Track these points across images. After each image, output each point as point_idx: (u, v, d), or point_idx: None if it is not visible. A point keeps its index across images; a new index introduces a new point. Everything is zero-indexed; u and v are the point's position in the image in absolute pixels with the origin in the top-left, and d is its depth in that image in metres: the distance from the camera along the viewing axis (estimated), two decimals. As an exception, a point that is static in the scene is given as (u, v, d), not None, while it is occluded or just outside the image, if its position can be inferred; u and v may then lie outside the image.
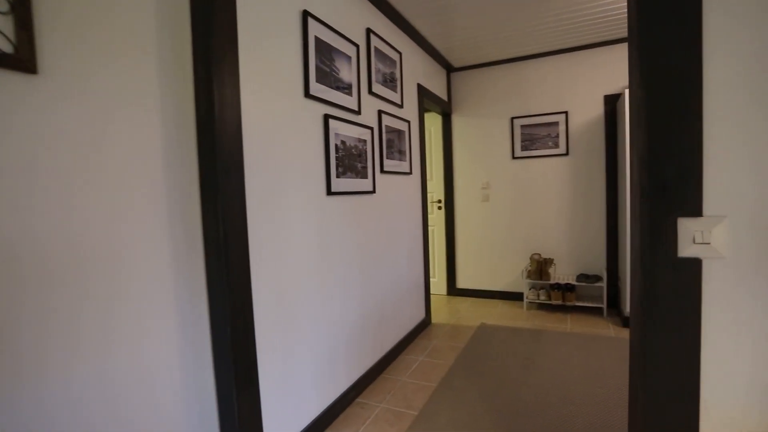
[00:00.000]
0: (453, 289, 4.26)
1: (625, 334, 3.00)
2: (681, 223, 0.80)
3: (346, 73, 2.18)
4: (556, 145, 3.74)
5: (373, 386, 2.35)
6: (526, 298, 3.69)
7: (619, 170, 3.41)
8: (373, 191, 2.45)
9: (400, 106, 2.87)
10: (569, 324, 3.25)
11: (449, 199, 4.20)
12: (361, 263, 2.33)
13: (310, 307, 1.88)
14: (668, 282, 0.82)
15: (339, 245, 2.12)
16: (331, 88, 2.05)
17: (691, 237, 0.79)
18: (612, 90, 3.54)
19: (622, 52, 3.47)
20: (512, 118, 3.88)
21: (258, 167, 1.57)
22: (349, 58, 2.21)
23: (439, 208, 4.27)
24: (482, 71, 3.98)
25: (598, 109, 3.59)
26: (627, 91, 2.96)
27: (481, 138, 4.03)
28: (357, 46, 2.28)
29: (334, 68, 2.07)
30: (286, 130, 1.74)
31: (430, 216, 4.28)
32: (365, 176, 2.36)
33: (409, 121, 3.00)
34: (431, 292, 3.72)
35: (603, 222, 3.63)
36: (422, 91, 3.29)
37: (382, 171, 2.58)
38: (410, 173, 3.05)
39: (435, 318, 3.54)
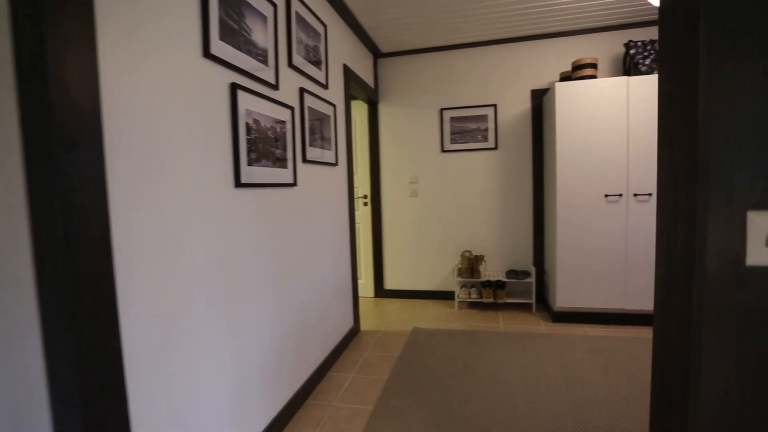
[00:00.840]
0: (381, 291, 4.00)
1: (554, 329, 2.98)
2: (751, 219, 0.57)
3: (261, 36, 1.76)
4: (486, 139, 3.65)
5: (298, 417, 1.97)
6: (458, 297, 3.56)
7: (545, 165, 3.42)
8: (294, 183, 2.05)
9: (325, 86, 2.50)
10: (502, 322, 3.17)
11: (376, 194, 3.92)
12: (279, 268, 1.93)
13: (212, 332, 1.44)
14: (728, 301, 0.59)
15: (251, 248, 1.69)
16: (241, 51, 1.61)
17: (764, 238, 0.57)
18: (539, 85, 3.54)
19: (549, 46, 3.48)
20: (441, 110, 3.71)
21: (130, 146, 1.10)
22: (264, 17, 1.78)
23: (365, 204, 3.97)
24: (411, 59, 3.75)
25: (525, 104, 3.57)
26: (557, 85, 2.92)
27: (409, 129, 3.81)
28: (275, 5, 1.86)
29: (245, 26, 1.64)
30: (178, 99, 1.28)
31: (356, 212, 3.96)
32: (284, 165, 1.96)
33: (334, 105, 2.64)
34: (358, 296, 3.41)
35: (530, 217, 3.63)
36: (349, 74, 2.95)
37: (304, 160, 2.19)
38: (336, 164, 2.69)
39: (364, 324, 3.24)
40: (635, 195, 2.89)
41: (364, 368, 2.46)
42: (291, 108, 2.02)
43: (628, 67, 3.04)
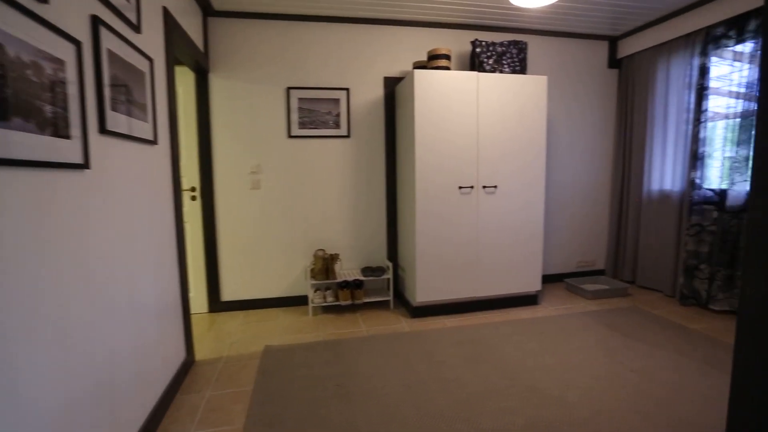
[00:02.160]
0: (217, 304, 3.28)
1: (416, 325, 2.90)
2: None
3: None
4: (338, 125, 3.34)
5: None
6: (312, 302, 3.16)
7: (399, 156, 3.32)
8: (85, 165, 1.31)
9: (136, 28, 1.74)
10: (363, 325, 2.92)
11: (207, 185, 3.17)
12: (57, 299, 1.19)
13: None
14: None
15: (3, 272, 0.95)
16: None
17: None
18: (392, 72, 3.40)
19: (404, 35, 3.37)
20: (289, 89, 3.22)
21: None
22: None
23: (193, 198, 3.18)
24: (253, 24, 3.13)
25: (378, 91, 3.39)
26: (416, 72, 2.80)
27: (249, 108, 3.19)
28: None
29: None
30: None
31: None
32: (64, 134, 1.21)
33: (151, 60, 1.88)
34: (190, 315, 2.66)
35: (384, 210, 3.50)
36: (172, 23, 2.19)
37: (103, 130, 1.44)
38: (155, 143, 1.94)
39: (200, 352, 2.53)
40: (484, 187, 3.03)
41: (208, 418, 1.84)
42: (76, 43, 1.26)
43: (475, 64, 3.16)
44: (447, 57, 3.01)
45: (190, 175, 3.15)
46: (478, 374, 2.17)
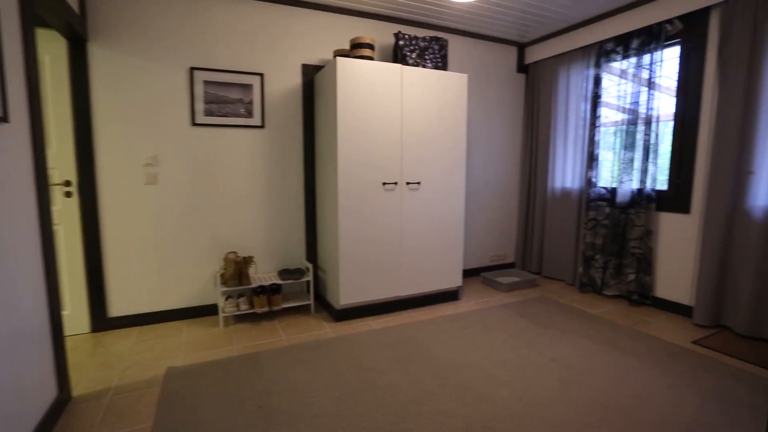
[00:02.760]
0: (103, 322, 2.74)
1: (340, 329, 2.74)
2: None
3: None
4: (250, 114, 3.01)
5: None
6: (223, 311, 2.81)
7: (319, 149, 3.11)
8: None
9: (-28, -35, 1.29)
10: (283, 334, 2.67)
11: (87, 179, 2.62)
12: None
13: None
14: None
15: None
16: None
17: None
18: (311, 60, 3.17)
19: (323, 20, 3.16)
20: (192, 69, 2.80)
21: None
22: None
23: (68, 194, 2.61)
24: (141, -13, 2.65)
25: (295, 78, 3.13)
26: (340, 60, 2.63)
27: (143, 88, 2.71)
28: None
29: None
30: None
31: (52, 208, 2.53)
32: None
33: (-3, 12, 1.43)
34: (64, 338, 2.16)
35: (302, 208, 3.26)
36: (27, -31, 1.70)
37: None
38: (4, 119, 1.49)
39: (80, 384, 2.06)
40: (408, 183, 2.97)
41: (91, 468, 1.47)
42: None
43: (398, 57, 3.08)
44: (371, 47, 2.88)
45: (64, 166, 2.57)
46: (410, 377, 2.09)
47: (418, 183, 3.01)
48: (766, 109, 2.49)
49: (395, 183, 2.92)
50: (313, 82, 3.17)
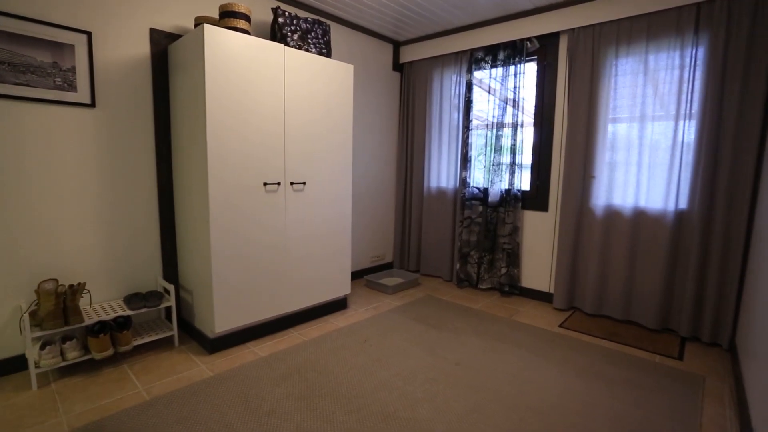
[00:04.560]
0: None
1: (218, 364, 2.22)
2: None
3: None
4: (72, 87, 2.18)
5: None
6: (38, 364, 1.97)
7: (177, 139, 2.46)
8: None
9: None
10: (139, 383, 2.01)
11: None
12: None
13: None
14: None
15: None
16: None
17: None
18: (164, 26, 2.47)
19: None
20: (-37, 10, 1.85)
21: None
22: None
23: None
24: None
25: (142, 47, 2.40)
26: (208, 27, 2.08)
27: None
28: None
29: None
30: None
31: None
32: None
33: None
34: None
35: (155, 214, 2.55)
36: None
37: None
38: None
39: None
40: (292, 183, 2.59)
41: None
42: None
43: (277, 37, 2.64)
44: (246, 18, 2.39)
45: None
46: (321, 416, 1.78)
47: (304, 183, 2.66)
48: (603, 123, 2.95)
49: (278, 183, 2.51)
50: (167, 53, 2.49)
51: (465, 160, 3.68)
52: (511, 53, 3.36)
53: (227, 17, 2.33)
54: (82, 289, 2.11)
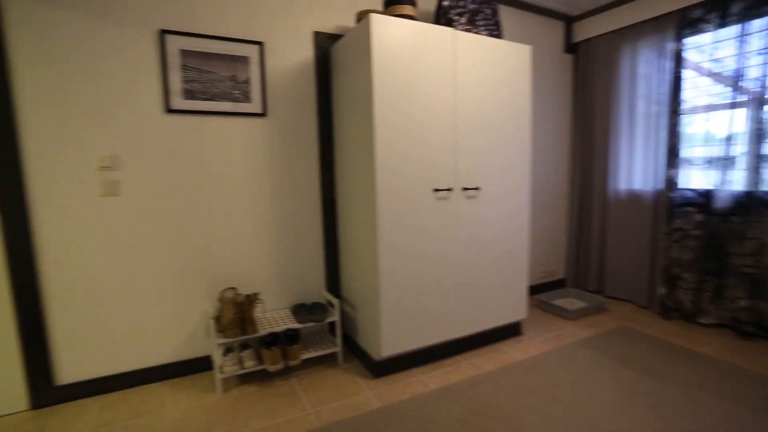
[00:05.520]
0: (47, 394, 1.91)
1: (386, 391, 1.98)
2: None
3: None
4: (247, 98, 2.21)
5: None
6: (221, 371, 2.01)
7: (340, 145, 2.33)
8: None
9: None
10: (308, 404, 1.90)
11: (11, 193, 1.79)
12: None
13: None
14: None
15: None
16: None
17: None
18: (326, 27, 2.39)
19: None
20: (164, 32, 1.99)
21: None
22: None
23: (-15, 213, 1.76)
24: None
25: (306, 51, 2.35)
26: (374, 17, 1.86)
27: (91, 56, 1.88)
28: None
29: None
30: None
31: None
32: None
33: None
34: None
35: (318, 221, 2.48)
36: None
37: None
38: None
39: None
40: (464, 189, 2.24)
41: None
42: None
43: (441, 22, 2.33)
44: (412, 3, 2.12)
45: (-28, 174, 1.73)
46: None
47: (477, 188, 2.27)
48: None
49: (450, 189, 2.18)
50: (329, 55, 2.39)
51: (673, 155, 2.83)
52: (753, 2, 2.43)
53: (393, 4, 2.10)
54: (255, 300, 2.11)
